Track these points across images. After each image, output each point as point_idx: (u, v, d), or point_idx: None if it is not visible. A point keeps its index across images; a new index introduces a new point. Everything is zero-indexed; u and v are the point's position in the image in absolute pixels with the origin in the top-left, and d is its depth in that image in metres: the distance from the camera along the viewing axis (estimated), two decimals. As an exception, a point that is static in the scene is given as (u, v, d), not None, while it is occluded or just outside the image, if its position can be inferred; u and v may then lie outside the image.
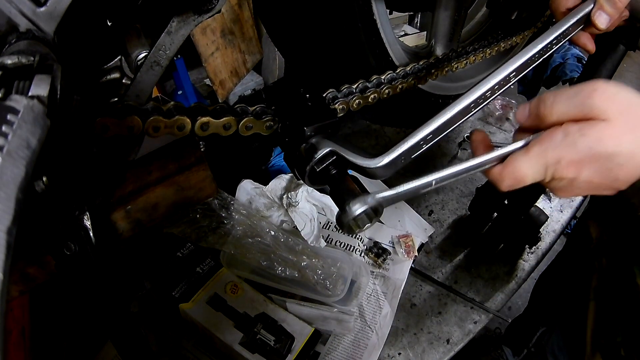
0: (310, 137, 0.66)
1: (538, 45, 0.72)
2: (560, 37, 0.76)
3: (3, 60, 0.41)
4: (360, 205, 0.54)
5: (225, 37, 2.10)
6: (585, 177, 0.54)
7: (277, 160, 1.66)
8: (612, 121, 0.51)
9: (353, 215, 0.54)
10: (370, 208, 0.55)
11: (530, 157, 0.56)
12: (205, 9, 0.69)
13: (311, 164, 0.62)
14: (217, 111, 0.72)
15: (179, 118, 0.67)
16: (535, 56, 0.73)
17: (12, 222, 0.24)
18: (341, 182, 0.62)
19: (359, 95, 0.87)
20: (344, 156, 0.62)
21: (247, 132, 0.75)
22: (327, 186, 0.64)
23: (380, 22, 1.05)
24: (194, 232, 1.34)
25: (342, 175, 0.63)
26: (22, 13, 0.50)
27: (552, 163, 0.54)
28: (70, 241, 0.70)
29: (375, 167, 0.60)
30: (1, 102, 0.32)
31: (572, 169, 0.54)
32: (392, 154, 0.61)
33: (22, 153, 0.28)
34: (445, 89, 1.38)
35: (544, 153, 0.54)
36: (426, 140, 0.63)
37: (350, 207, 0.54)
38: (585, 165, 0.53)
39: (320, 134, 0.67)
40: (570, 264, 1.45)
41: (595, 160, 0.53)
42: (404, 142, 0.61)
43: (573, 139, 0.52)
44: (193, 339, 1.19)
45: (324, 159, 0.63)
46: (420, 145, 0.63)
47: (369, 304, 1.31)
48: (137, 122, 0.62)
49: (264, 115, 0.75)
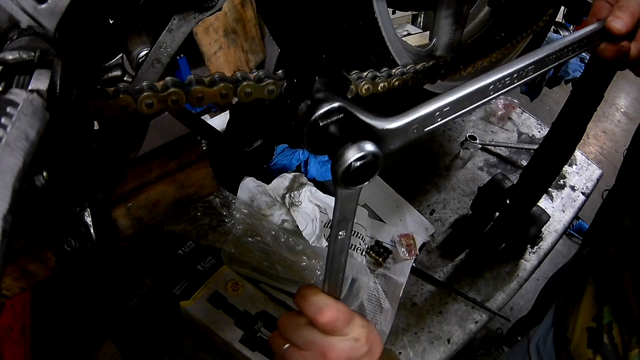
0: (318, 91, 0.58)
1: (559, 43, 0.71)
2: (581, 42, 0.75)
3: (4, 55, 0.41)
4: (355, 149, 0.47)
5: (228, 36, 2.10)
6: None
7: (279, 159, 1.66)
8: None
9: (348, 161, 0.46)
10: (367, 154, 0.47)
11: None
12: (206, 7, 0.70)
13: (315, 116, 0.52)
14: (213, 81, 0.69)
15: (173, 91, 0.64)
16: (554, 56, 0.72)
17: (8, 210, 0.25)
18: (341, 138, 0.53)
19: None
20: (352, 113, 0.53)
21: (247, 99, 0.71)
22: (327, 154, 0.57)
23: (382, 20, 1.05)
24: (194, 230, 1.34)
25: (344, 133, 0.55)
26: (23, 10, 0.51)
27: None
28: (70, 237, 0.70)
29: (386, 129, 0.54)
30: (1, 96, 0.33)
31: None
32: (405, 117, 0.55)
33: (21, 144, 0.28)
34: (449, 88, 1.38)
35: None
36: (442, 114, 0.58)
37: (344, 152, 0.47)
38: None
39: (329, 91, 0.60)
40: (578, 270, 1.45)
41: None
42: (419, 108, 0.56)
43: None
44: (193, 337, 1.19)
45: (329, 115, 0.53)
46: (435, 117, 0.58)
47: (370, 303, 1.31)
48: (129, 100, 0.60)
49: (266, 79, 0.71)
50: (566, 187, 1.77)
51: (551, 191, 1.74)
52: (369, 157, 0.47)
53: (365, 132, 0.53)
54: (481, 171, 1.82)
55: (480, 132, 1.98)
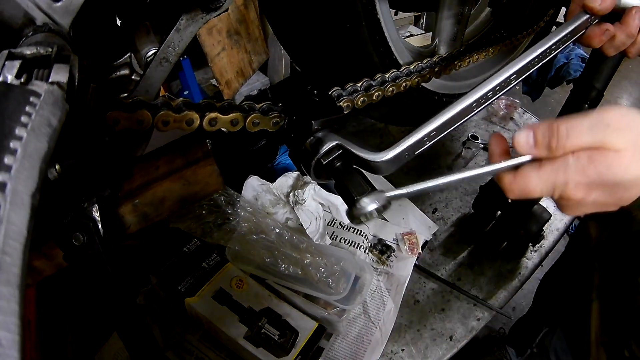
0: (316, 131, 0.68)
1: (539, 49, 0.73)
2: (560, 42, 0.76)
3: (22, 50, 0.43)
4: (372, 201, 0.57)
5: (231, 37, 2.12)
6: (592, 199, 0.57)
7: (283, 158, 1.67)
8: (622, 151, 0.53)
9: (365, 211, 0.56)
10: (381, 206, 0.57)
11: (541, 175, 0.57)
12: (213, 7, 0.71)
13: (317, 156, 0.63)
14: (225, 107, 0.74)
15: (188, 113, 0.69)
16: (536, 59, 0.74)
17: (36, 188, 0.27)
18: (347, 175, 0.63)
19: (363, 93, 0.89)
20: (349, 150, 0.63)
21: (254, 128, 0.76)
22: (333, 180, 0.66)
23: (384, 21, 1.07)
24: (199, 227, 1.36)
25: (347, 168, 0.64)
26: (38, 7, 0.52)
27: (561, 184, 0.56)
28: (78, 232, 0.71)
29: (380, 162, 0.62)
30: (24, 87, 0.34)
31: (580, 191, 0.56)
32: (396, 149, 0.63)
33: (45, 130, 0.30)
34: (449, 88, 1.39)
35: (554, 173, 0.56)
36: (430, 137, 0.65)
37: (361, 204, 0.56)
38: (593, 189, 0.56)
39: (326, 128, 0.69)
40: (573, 263, 1.46)
41: (602, 186, 0.55)
42: (408, 138, 0.63)
43: (583, 165, 0.54)
44: (198, 333, 1.20)
45: (330, 153, 0.65)
46: (424, 142, 0.65)
47: (372, 300, 1.33)
48: (147, 116, 0.64)
49: (271, 112, 0.76)
50: (567, 186, 1.78)
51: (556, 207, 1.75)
52: (381, 208, 0.57)
53: (363, 164, 0.63)
54: (483, 171, 1.83)
55: (482, 132, 1.99)
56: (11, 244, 0.26)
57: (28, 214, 0.26)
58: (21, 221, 0.26)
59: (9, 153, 0.27)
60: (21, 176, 0.26)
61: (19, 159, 0.26)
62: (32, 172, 0.27)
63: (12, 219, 0.26)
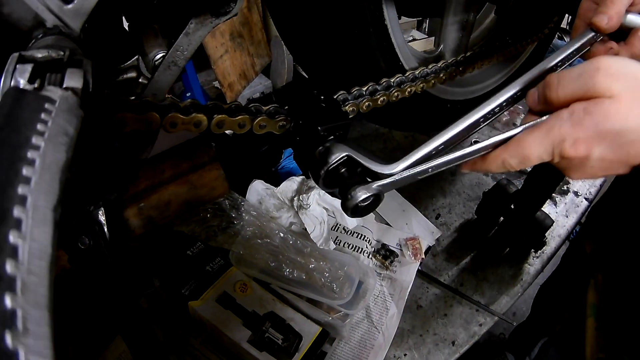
0: (323, 137, 0.68)
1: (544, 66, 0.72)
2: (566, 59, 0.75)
3: (33, 53, 0.42)
4: (362, 191, 0.60)
5: (234, 40, 2.12)
6: (597, 155, 0.54)
7: (287, 162, 1.67)
8: (618, 97, 0.51)
9: (356, 201, 0.59)
10: (372, 195, 0.60)
11: (535, 135, 0.56)
12: (222, 12, 0.71)
13: (326, 168, 0.64)
14: (232, 110, 0.74)
15: (196, 115, 0.68)
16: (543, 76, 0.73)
17: (58, 201, 0.26)
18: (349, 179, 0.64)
19: (368, 98, 0.89)
20: (358, 161, 0.64)
21: (260, 131, 0.76)
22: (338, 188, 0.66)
23: (391, 27, 1.07)
24: (203, 231, 1.36)
25: (352, 174, 0.65)
26: (49, 9, 0.52)
27: (558, 141, 0.55)
28: (84, 235, 0.71)
29: (391, 173, 0.63)
30: (38, 92, 0.34)
31: (581, 147, 0.54)
32: (404, 162, 0.64)
33: (62, 139, 0.30)
34: (454, 94, 1.39)
35: (550, 131, 0.55)
36: (437, 151, 0.66)
37: (353, 194, 0.59)
38: (594, 143, 0.53)
39: (332, 134, 0.69)
40: (567, 277, 1.46)
41: (603, 138, 0.52)
42: (416, 152, 0.64)
43: (578, 117, 0.53)
44: (201, 337, 1.20)
45: (338, 163, 0.65)
46: (431, 155, 0.66)
47: (375, 305, 1.32)
48: (155, 117, 0.64)
49: (277, 115, 0.76)
50: (570, 192, 1.78)
51: (555, 196, 1.75)
52: (372, 197, 0.61)
53: (370, 174, 0.64)
54: (486, 176, 1.83)
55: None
56: (36, 263, 0.25)
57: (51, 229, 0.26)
58: (45, 238, 0.26)
59: (27, 164, 0.26)
60: (41, 189, 0.26)
61: (37, 170, 0.26)
62: (53, 185, 0.26)
63: (36, 235, 0.25)
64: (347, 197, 0.60)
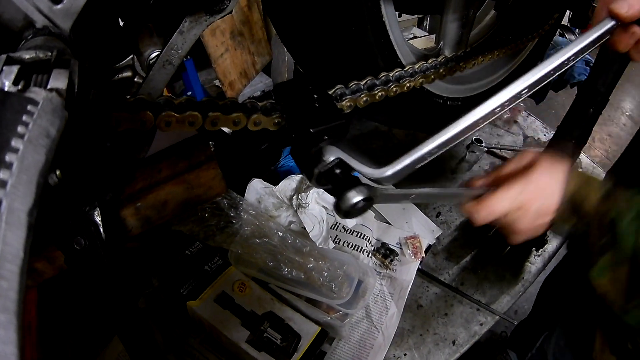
0: (317, 136, 0.67)
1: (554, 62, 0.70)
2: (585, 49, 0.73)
3: (21, 54, 0.42)
4: (357, 194, 0.60)
5: (235, 38, 2.11)
6: (535, 207, 0.78)
7: (286, 161, 1.66)
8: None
9: (350, 203, 0.60)
10: (364, 199, 0.61)
11: (503, 195, 0.77)
12: (217, 10, 0.71)
13: (318, 170, 0.64)
14: (227, 106, 0.73)
15: (190, 113, 0.68)
16: (558, 68, 0.71)
17: (33, 205, 0.26)
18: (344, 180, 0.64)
19: (366, 93, 0.88)
20: (350, 165, 0.64)
21: (255, 128, 0.76)
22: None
23: (389, 24, 1.06)
24: (201, 230, 1.35)
25: (346, 176, 0.64)
26: (38, 10, 0.52)
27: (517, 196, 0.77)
28: (80, 236, 0.71)
29: (380, 177, 0.63)
30: (21, 94, 0.33)
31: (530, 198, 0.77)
32: (397, 165, 0.63)
33: (43, 141, 0.29)
34: (454, 91, 1.38)
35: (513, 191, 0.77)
36: (432, 153, 0.65)
37: (347, 196, 0.60)
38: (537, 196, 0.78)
39: (328, 134, 0.68)
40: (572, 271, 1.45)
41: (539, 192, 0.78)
42: (409, 155, 0.64)
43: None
44: (200, 337, 1.19)
45: (330, 164, 0.65)
46: (425, 158, 0.65)
47: (375, 304, 1.32)
48: (149, 116, 0.63)
49: (273, 112, 0.75)
50: (572, 190, 1.77)
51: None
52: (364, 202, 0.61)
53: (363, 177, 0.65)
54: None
55: (486, 136, 1.98)
56: (7, 267, 0.25)
57: (25, 233, 0.25)
58: (18, 242, 0.25)
59: (4, 167, 0.25)
60: (17, 192, 0.25)
61: (15, 173, 0.25)
62: (29, 188, 0.26)
63: (8, 239, 0.25)
64: (340, 199, 0.61)
